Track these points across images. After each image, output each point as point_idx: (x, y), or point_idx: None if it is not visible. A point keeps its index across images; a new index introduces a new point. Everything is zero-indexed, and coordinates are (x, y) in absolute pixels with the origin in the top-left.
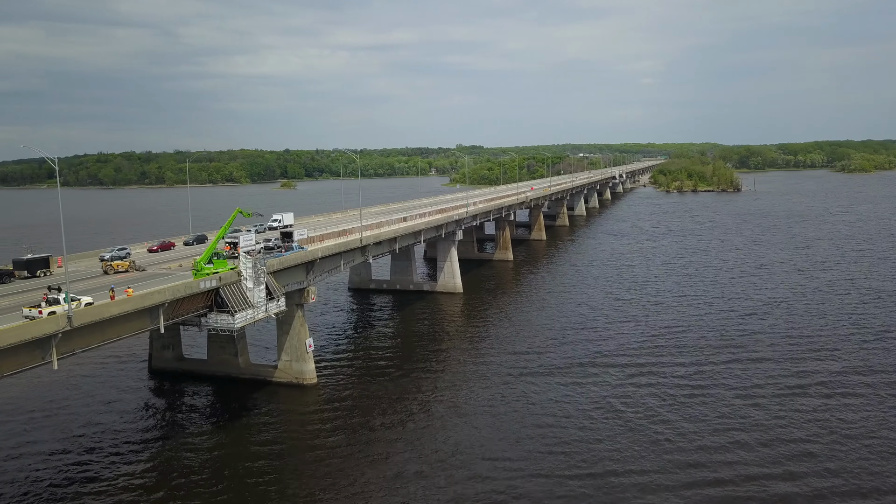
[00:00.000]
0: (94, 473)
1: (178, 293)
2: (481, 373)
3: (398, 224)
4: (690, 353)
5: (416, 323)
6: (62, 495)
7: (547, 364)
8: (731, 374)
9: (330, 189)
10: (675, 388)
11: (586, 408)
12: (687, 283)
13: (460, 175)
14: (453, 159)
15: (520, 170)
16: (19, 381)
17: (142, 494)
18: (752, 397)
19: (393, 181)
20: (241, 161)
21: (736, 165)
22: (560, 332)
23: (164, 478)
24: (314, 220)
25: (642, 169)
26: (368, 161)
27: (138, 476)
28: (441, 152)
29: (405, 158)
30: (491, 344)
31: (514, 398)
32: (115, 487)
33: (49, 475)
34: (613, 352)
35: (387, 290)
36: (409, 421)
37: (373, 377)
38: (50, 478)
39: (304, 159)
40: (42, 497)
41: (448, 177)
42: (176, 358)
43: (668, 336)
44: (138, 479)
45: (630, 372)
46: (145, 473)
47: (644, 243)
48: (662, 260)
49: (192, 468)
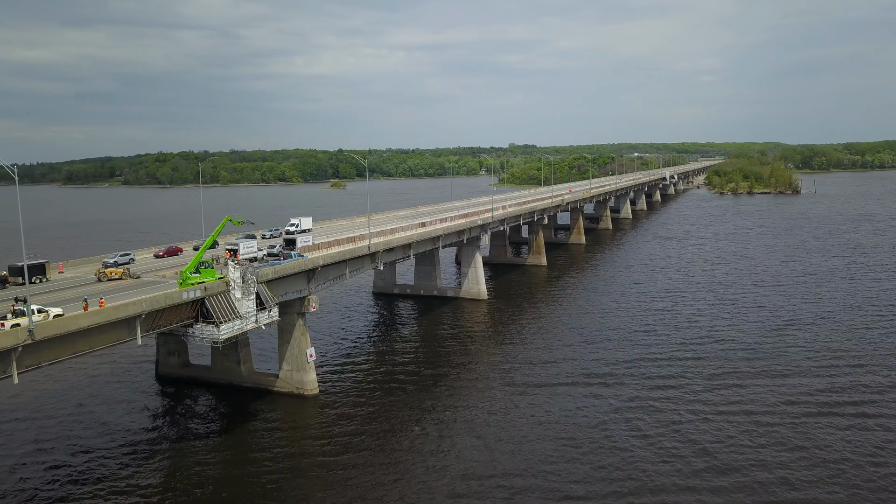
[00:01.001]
0: (95, 474)
1: (156, 304)
2: (495, 385)
3: (414, 230)
4: (716, 367)
5: (435, 331)
6: (62, 494)
7: (564, 375)
8: (757, 391)
9: (379, 189)
10: (693, 403)
11: (601, 423)
12: (724, 291)
13: (508, 175)
14: (504, 159)
15: (569, 170)
16: (27, 383)
17: (131, 498)
18: (777, 414)
19: (442, 181)
20: (294, 161)
21: (798, 166)
22: (582, 342)
23: (155, 483)
24: (336, 224)
25: (697, 169)
26: (419, 161)
27: (127, 478)
28: (493, 152)
29: (455, 158)
30: (510, 354)
31: (527, 412)
32: (106, 490)
33: (51, 474)
34: (636, 364)
35: (410, 296)
36: (413, 438)
37: (380, 388)
38: (50, 477)
39: (355, 159)
40: (42, 496)
41: (497, 177)
42: (181, 364)
43: (695, 347)
44: (127, 481)
45: (649, 385)
46: (137, 476)
47: (686, 248)
48: (702, 266)
49: (181, 474)
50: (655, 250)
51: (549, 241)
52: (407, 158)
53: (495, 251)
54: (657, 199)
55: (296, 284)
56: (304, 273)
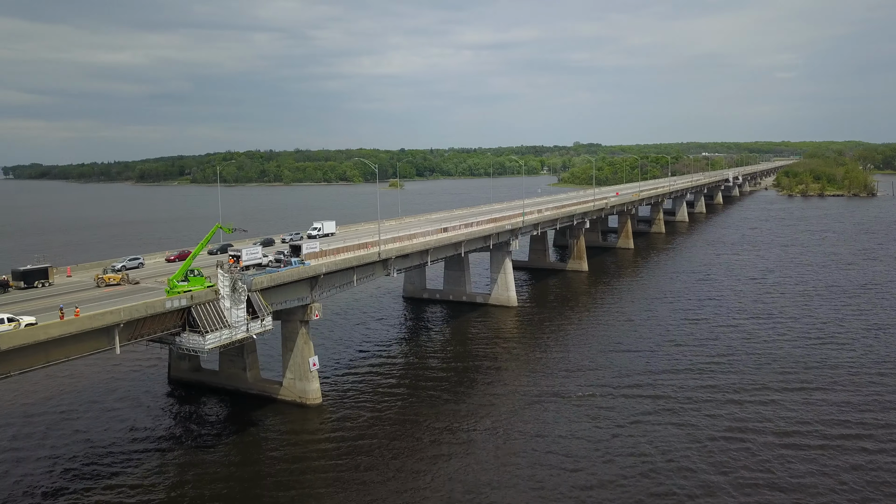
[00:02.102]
0: (92, 467)
1: (136, 313)
2: (513, 397)
3: (431, 236)
4: (745, 382)
5: (458, 339)
6: (59, 486)
7: (585, 387)
8: (786, 410)
9: (436, 189)
10: (709, 427)
11: (613, 437)
12: (771, 301)
13: (569, 175)
14: (567, 158)
15: (630, 170)
16: (43, 380)
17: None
18: (797, 434)
19: (502, 180)
20: (355, 160)
21: (879, 166)
22: (608, 352)
23: (138, 483)
24: (363, 227)
25: (766, 170)
26: (479, 160)
27: (116, 475)
28: (556, 150)
29: (517, 157)
30: (531, 364)
31: (540, 426)
32: (102, 486)
33: (51, 466)
34: (660, 376)
35: (439, 301)
36: (418, 457)
37: (387, 399)
38: (50, 467)
39: (416, 158)
40: (44, 491)
41: (557, 176)
42: (192, 369)
43: (727, 362)
44: (117, 478)
45: (672, 399)
46: (124, 475)
47: (740, 254)
48: (752, 274)
49: (168, 475)
50: (705, 256)
51: (595, 245)
52: (467, 158)
53: (535, 255)
54: (718, 201)
55: (297, 292)
56: (305, 281)
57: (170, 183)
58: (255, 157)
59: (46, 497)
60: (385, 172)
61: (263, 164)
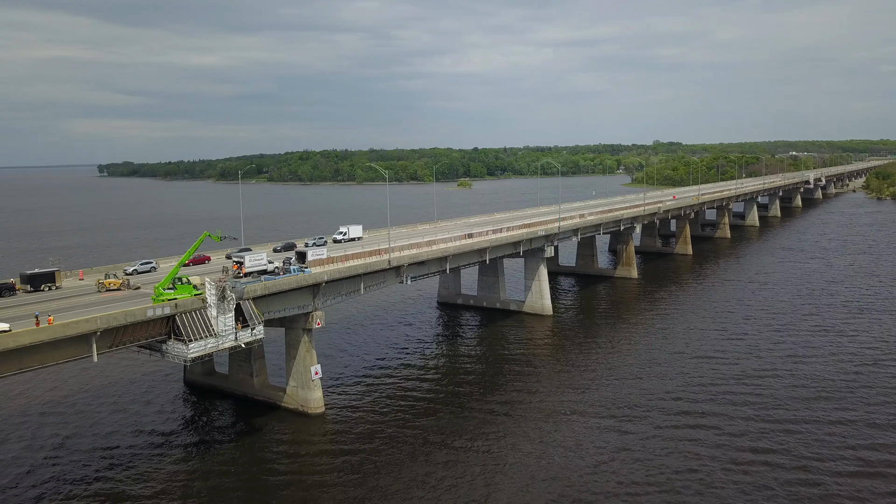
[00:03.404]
0: (97, 460)
1: (114, 322)
2: (524, 413)
3: (452, 242)
4: (771, 403)
5: (481, 349)
6: (60, 474)
7: (608, 404)
8: (811, 438)
9: (504, 188)
10: (726, 449)
11: (635, 461)
12: (825, 315)
13: (643, 175)
14: (645, 157)
15: (708, 170)
16: (61, 377)
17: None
18: (820, 460)
19: (575, 180)
20: (427, 160)
21: None
22: (639, 366)
23: (129, 483)
24: (396, 231)
25: (857, 171)
26: (553, 159)
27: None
28: (634, 149)
29: (592, 156)
30: (552, 380)
31: (548, 446)
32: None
33: (71, 462)
34: (687, 394)
35: (473, 307)
36: (417, 474)
37: (395, 412)
38: (54, 458)
39: (489, 157)
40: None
41: (631, 176)
42: (205, 372)
43: (761, 379)
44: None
45: (696, 422)
46: (121, 474)
47: (806, 262)
48: (811, 287)
49: (160, 479)
50: (767, 264)
51: (651, 250)
52: (540, 156)
53: (582, 261)
54: (797, 204)
55: (297, 300)
56: (307, 288)
57: (247, 181)
58: (330, 157)
59: (37, 490)
60: (456, 171)
61: (337, 163)
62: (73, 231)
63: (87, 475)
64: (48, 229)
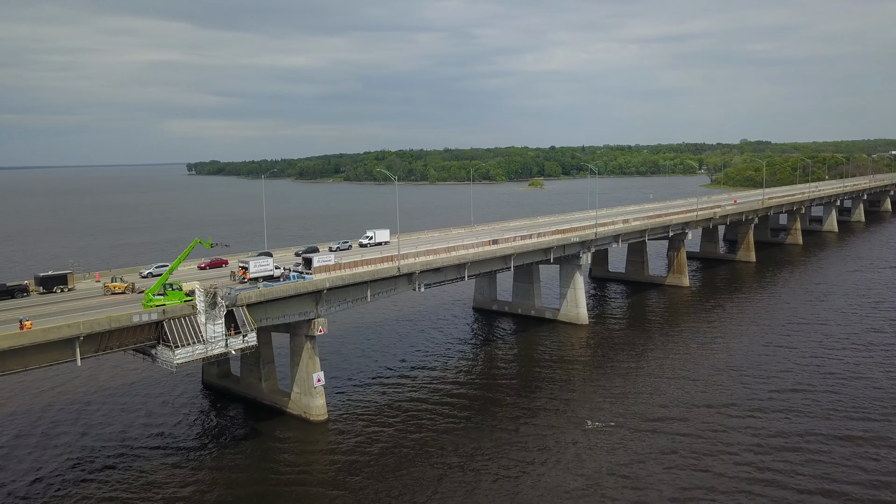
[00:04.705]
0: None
1: (97, 327)
2: (538, 432)
3: (472, 249)
4: (795, 425)
5: (508, 358)
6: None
7: (630, 418)
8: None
9: (576, 188)
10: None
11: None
12: (877, 330)
13: (723, 175)
14: (729, 157)
15: (793, 171)
16: (81, 374)
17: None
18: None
19: (651, 180)
20: (500, 159)
21: None
22: (673, 381)
23: (124, 481)
24: (426, 235)
25: None
26: (631, 158)
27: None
28: (718, 149)
29: (672, 156)
30: (576, 394)
31: (560, 465)
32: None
33: (63, 457)
34: (718, 414)
35: (508, 314)
36: (410, 494)
37: (401, 420)
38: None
39: (565, 156)
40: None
41: (710, 177)
42: (220, 374)
43: (800, 398)
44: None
45: (728, 439)
46: (118, 471)
47: (879, 273)
48: (873, 299)
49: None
50: (835, 274)
51: (711, 256)
52: (618, 155)
53: (632, 267)
54: (886, 208)
55: (299, 307)
56: (309, 295)
57: (324, 180)
58: (405, 157)
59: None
60: (529, 171)
61: (411, 162)
62: (155, 227)
63: (85, 468)
64: (131, 226)
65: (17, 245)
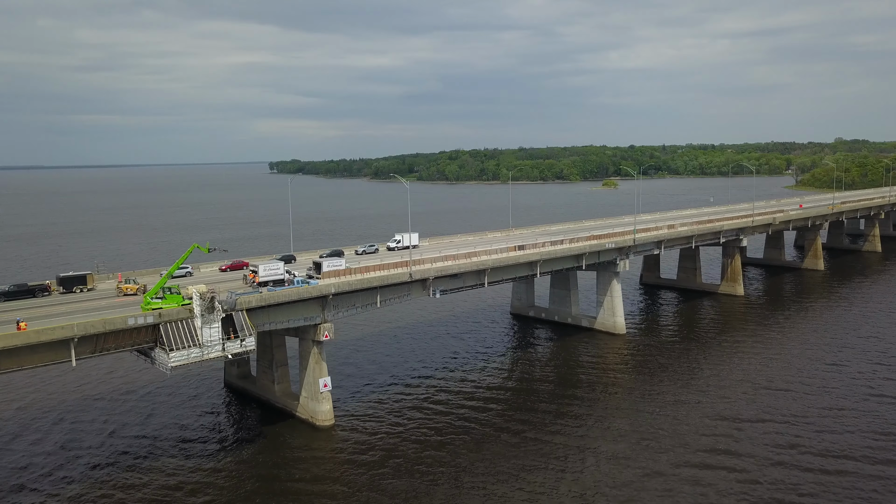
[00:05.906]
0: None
1: (92, 329)
2: (554, 451)
3: (494, 255)
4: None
5: (534, 367)
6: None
7: (637, 440)
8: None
9: (652, 189)
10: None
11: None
12: None
13: (809, 176)
14: (819, 156)
15: (887, 172)
16: (103, 372)
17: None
18: None
19: (735, 181)
20: (574, 158)
21: None
22: (697, 401)
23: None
24: (459, 239)
25: None
26: (713, 158)
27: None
28: (809, 148)
29: (758, 155)
30: (599, 410)
31: (576, 487)
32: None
33: (73, 454)
34: (743, 427)
35: (545, 321)
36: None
37: (407, 429)
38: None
39: (643, 156)
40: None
41: (796, 178)
42: (240, 375)
43: (837, 416)
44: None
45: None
46: (118, 469)
47: None
48: None
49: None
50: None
51: (775, 263)
52: (700, 155)
53: (683, 274)
54: None
55: (304, 311)
56: (315, 300)
57: (397, 180)
58: (478, 156)
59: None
60: (605, 170)
61: (483, 162)
62: (231, 225)
63: (92, 462)
64: (207, 224)
65: (90, 241)
